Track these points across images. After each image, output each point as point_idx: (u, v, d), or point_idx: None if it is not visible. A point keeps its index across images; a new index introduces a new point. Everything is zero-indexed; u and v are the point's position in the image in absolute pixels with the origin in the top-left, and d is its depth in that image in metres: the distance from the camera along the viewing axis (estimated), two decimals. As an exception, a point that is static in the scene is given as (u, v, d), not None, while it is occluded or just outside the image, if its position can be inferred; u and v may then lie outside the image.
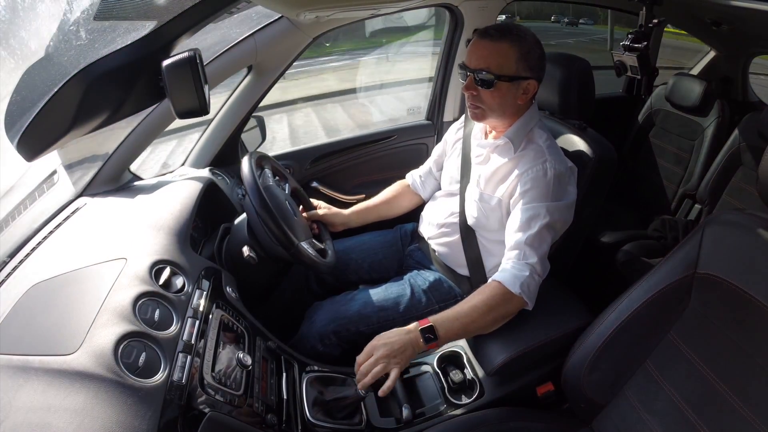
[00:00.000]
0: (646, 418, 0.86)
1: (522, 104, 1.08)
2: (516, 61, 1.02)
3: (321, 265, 1.11)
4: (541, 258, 1.02)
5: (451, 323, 0.96)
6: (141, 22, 0.80)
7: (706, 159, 1.85)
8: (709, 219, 0.87)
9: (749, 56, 2.06)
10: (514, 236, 1.03)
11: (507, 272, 1.00)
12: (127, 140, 1.21)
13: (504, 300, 0.98)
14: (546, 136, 1.10)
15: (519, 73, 1.03)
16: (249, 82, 1.46)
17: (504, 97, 1.05)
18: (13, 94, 0.78)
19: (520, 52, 1.02)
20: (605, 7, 2.20)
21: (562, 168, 1.05)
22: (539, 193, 1.03)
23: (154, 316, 0.77)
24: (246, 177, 1.05)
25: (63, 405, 0.60)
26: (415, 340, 0.93)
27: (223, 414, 0.73)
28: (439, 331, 0.94)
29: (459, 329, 0.96)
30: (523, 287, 0.98)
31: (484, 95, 1.05)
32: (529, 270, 0.99)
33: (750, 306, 0.76)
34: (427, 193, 1.43)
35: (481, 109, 1.08)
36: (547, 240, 1.03)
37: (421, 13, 3.68)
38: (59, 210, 1.06)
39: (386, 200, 1.44)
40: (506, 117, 1.10)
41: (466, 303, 0.99)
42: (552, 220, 1.02)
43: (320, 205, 1.37)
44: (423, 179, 1.43)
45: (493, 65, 1.02)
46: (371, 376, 0.88)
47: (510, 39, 1.02)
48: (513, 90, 1.05)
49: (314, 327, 1.16)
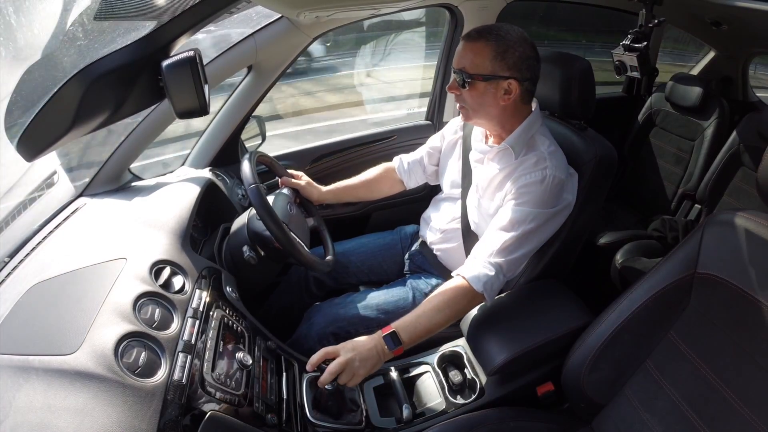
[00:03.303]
0: (646, 417, 0.86)
1: (506, 105, 1.05)
2: (491, 60, 1.00)
3: (320, 266, 1.11)
4: (512, 261, 1.01)
5: (414, 327, 0.95)
6: (141, 22, 0.80)
7: (706, 159, 1.84)
8: (709, 219, 0.87)
9: (749, 56, 2.06)
10: (493, 233, 1.02)
11: (474, 269, 0.99)
12: (127, 140, 1.21)
13: (465, 297, 0.98)
14: (549, 142, 1.07)
15: (495, 72, 1.01)
16: (249, 82, 1.46)
17: (482, 96, 1.03)
18: (13, 94, 0.78)
19: (496, 51, 1.00)
20: (605, 8, 2.20)
21: (562, 176, 1.04)
22: (532, 199, 1.02)
23: (154, 316, 0.78)
24: (246, 177, 1.05)
25: (63, 405, 0.60)
26: (380, 347, 0.92)
27: (223, 414, 0.73)
28: (402, 335, 0.93)
29: (422, 331, 0.95)
30: (486, 286, 0.98)
31: (465, 95, 1.05)
32: (495, 270, 0.99)
33: (750, 306, 0.76)
34: (410, 181, 1.40)
35: (464, 108, 1.08)
36: (525, 246, 1.02)
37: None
38: (59, 210, 1.06)
39: (366, 182, 1.39)
40: (493, 119, 1.08)
41: (427, 304, 0.98)
42: (537, 227, 1.02)
43: (301, 176, 1.33)
44: (410, 166, 1.39)
45: (467, 65, 1.02)
46: (330, 375, 0.87)
47: (486, 38, 1.01)
48: (491, 90, 1.02)
49: (313, 328, 1.16)
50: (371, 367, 0.91)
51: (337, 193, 1.36)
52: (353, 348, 0.91)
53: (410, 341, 0.94)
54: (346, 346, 0.92)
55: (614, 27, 2.63)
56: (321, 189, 1.34)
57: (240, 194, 1.39)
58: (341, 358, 0.89)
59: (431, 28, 4.49)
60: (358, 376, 0.89)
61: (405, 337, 0.93)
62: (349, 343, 0.93)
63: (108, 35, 0.80)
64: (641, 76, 1.83)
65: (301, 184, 1.30)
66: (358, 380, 0.90)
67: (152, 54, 0.81)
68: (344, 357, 0.89)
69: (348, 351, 0.90)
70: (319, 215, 1.33)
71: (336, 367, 0.88)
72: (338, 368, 0.88)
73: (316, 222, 1.31)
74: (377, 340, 0.93)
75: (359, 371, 0.89)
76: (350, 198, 1.41)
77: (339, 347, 0.92)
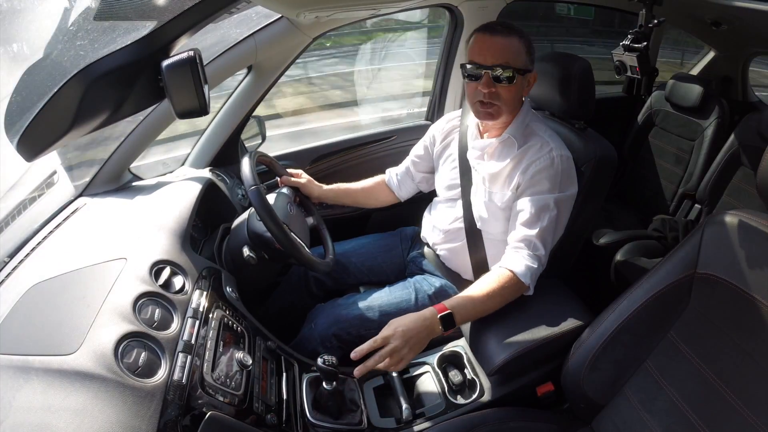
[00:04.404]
0: (646, 418, 0.86)
1: (524, 97, 1.11)
2: (525, 54, 1.05)
3: (320, 266, 1.11)
4: (547, 250, 1.06)
5: (468, 310, 0.98)
6: (141, 22, 0.80)
7: (706, 159, 1.84)
8: (709, 219, 0.87)
9: (749, 56, 2.06)
10: (524, 227, 1.05)
11: (521, 263, 1.02)
12: (127, 140, 1.21)
13: (516, 290, 1.02)
14: (544, 126, 1.12)
15: (527, 65, 1.06)
16: (249, 83, 1.46)
17: (518, 91, 1.07)
18: (13, 94, 0.78)
19: (527, 45, 1.05)
20: (605, 8, 2.20)
21: (566, 153, 1.08)
22: (548, 185, 1.05)
23: (154, 316, 0.78)
24: (246, 178, 1.05)
25: (63, 405, 0.60)
26: (432, 327, 0.94)
27: (223, 414, 0.73)
28: (456, 317, 0.95)
29: (474, 315, 1.00)
30: (533, 279, 1.03)
31: (503, 91, 1.05)
32: (538, 263, 1.03)
33: (750, 306, 0.76)
34: (403, 193, 1.43)
35: (496, 106, 1.07)
36: (553, 234, 1.07)
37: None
38: (59, 210, 1.06)
39: (364, 189, 1.43)
40: (512, 113, 1.11)
41: (482, 289, 1.00)
42: (559, 213, 1.06)
43: (300, 174, 1.34)
44: (399, 179, 1.42)
45: (510, 59, 1.03)
46: (369, 367, 0.88)
47: (517, 33, 1.05)
48: (523, 83, 1.07)
49: (316, 330, 1.15)
50: (419, 350, 0.93)
51: (337, 193, 1.38)
52: (404, 333, 0.91)
53: (461, 323, 0.97)
54: (396, 332, 0.91)
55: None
56: (321, 187, 1.35)
57: (240, 194, 1.39)
58: (390, 346, 0.89)
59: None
60: (406, 360, 0.90)
61: (459, 319, 0.96)
62: (399, 327, 0.92)
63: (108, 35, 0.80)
64: (641, 77, 1.83)
65: (301, 181, 1.31)
66: (405, 364, 0.91)
67: (152, 54, 0.81)
68: (393, 344, 0.89)
69: (398, 338, 0.90)
70: (318, 214, 1.33)
71: (379, 359, 0.88)
72: (381, 360, 0.88)
73: (316, 221, 1.31)
74: (429, 320, 0.94)
75: (408, 356, 0.90)
76: (349, 201, 1.43)
77: (387, 335, 0.91)
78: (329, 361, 0.88)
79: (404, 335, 0.90)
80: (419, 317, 0.94)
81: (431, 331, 0.93)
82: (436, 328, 0.94)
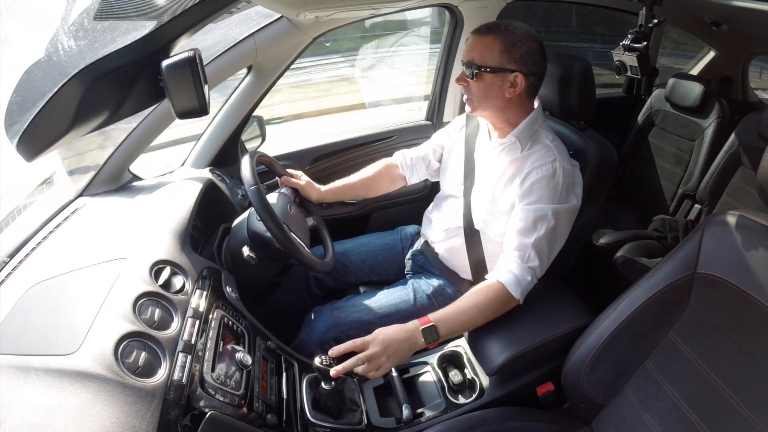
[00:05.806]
0: (646, 417, 0.86)
1: (512, 98, 1.07)
2: (499, 53, 1.04)
3: (320, 266, 1.11)
4: (544, 262, 1.03)
5: (453, 323, 0.97)
6: (141, 22, 0.80)
7: (706, 159, 1.84)
8: (709, 219, 0.87)
9: (749, 56, 2.06)
10: (518, 237, 1.03)
11: (510, 274, 1.00)
12: (127, 140, 1.21)
13: (504, 302, 1.00)
14: (552, 136, 1.11)
15: (503, 65, 1.04)
16: (249, 82, 1.46)
17: (489, 88, 1.06)
18: (13, 94, 0.78)
19: (504, 44, 1.04)
20: (605, 8, 2.20)
21: (570, 166, 1.06)
22: (547, 194, 1.03)
23: (154, 316, 0.78)
24: (246, 178, 1.05)
25: (63, 405, 0.60)
26: (415, 338, 0.93)
27: (223, 414, 0.73)
28: (441, 330, 0.95)
29: (459, 328, 0.98)
30: (524, 293, 1.01)
31: (472, 86, 1.08)
32: (531, 275, 1.01)
33: (750, 306, 0.76)
34: (413, 177, 1.39)
35: (471, 99, 1.10)
36: (550, 245, 1.04)
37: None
38: (59, 210, 1.06)
39: (366, 181, 1.38)
40: (498, 111, 1.10)
41: (468, 302, 0.99)
42: (557, 224, 1.03)
43: (300, 175, 1.32)
44: (413, 162, 1.38)
45: (476, 57, 1.05)
46: (347, 368, 0.87)
47: (495, 32, 1.04)
48: (498, 82, 1.05)
49: (315, 333, 1.15)
50: (398, 360, 0.92)
51: (336, 192, 1.36)
52: (383, 341, 0.91)
53: (446, 336, 0.96)
54: (376, 339, 0.91)
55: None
56: (320, 188, 1.34)
57: (240, 194, 1.39)
58: (368, 351, 0.89)
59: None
60: (383, 368, 0.90)
61: (443, 332, 0.95)
62: (380, 334, 0.92)
63: (108, 35, 0.80)
64: (641, 77, 1.83)
65: (301, 183, 1.30)
66: (383, 373, 0.91)
67: (152, 54, 0.81)
68: (371, 350, 0.89)
69: (377, 345, 0.90)
70: (318, 215, 1.33)
71: (356, 362, 0.88)
72: (358, 363, 0.88)
73: (316, 221, 1.31)
74: (412, 332, 0.94)
75: (386, 364, 0.90)
76: (350, 196, 1.41)
77: (368, 340, 0.91)
78: (326, 361, 0.88)
79: (383, 343, 0.91)
80: (402, 328, 0.94)
81: (413, 343, 0.93)
82: (418, 340, 0.93)
